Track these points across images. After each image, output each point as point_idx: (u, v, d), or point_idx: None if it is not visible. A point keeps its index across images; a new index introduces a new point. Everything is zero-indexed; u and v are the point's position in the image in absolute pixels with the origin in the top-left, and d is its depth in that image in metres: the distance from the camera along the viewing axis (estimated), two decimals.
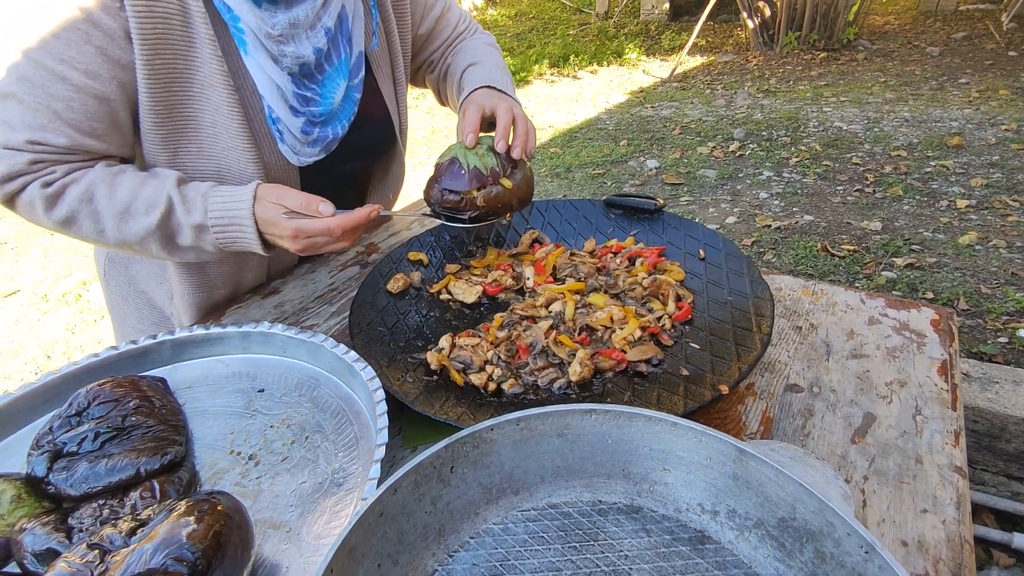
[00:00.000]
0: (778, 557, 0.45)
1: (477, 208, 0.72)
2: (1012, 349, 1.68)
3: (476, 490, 0.50)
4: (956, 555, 0.47)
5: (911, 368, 0.66)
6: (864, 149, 3.13)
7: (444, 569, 0.47)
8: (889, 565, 0.38)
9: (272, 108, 0.78)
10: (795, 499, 0.44)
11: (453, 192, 0.72)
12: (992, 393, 1.35)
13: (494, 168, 0.73)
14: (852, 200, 2.65)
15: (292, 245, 0.70)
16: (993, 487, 1.40)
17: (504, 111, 0.78)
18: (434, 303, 0.79)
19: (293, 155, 0.82)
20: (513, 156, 0.75)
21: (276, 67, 0.76)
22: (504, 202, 0.73)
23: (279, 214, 0.69)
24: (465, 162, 0.73)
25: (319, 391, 0.66)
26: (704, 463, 0.49)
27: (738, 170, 3.06)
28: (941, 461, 0.55)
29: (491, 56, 0.97)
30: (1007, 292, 1.91)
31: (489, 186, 0.72)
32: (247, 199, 0.71)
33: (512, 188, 0.73)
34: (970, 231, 2.29)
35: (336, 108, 0.84)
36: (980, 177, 2.68)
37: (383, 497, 0.44)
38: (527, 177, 0.77)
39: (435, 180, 0.75)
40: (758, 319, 0.67)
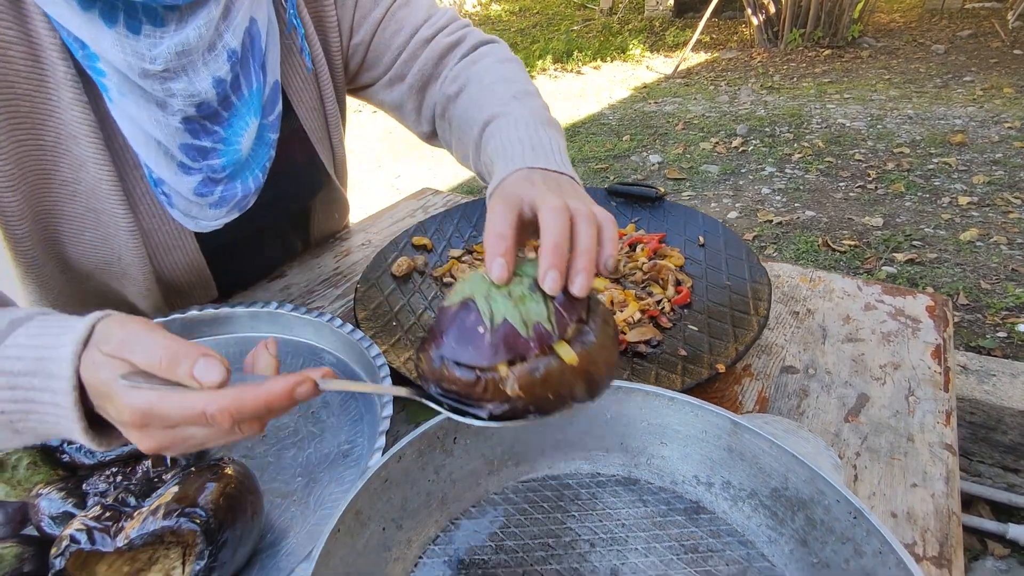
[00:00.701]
0: (770, 525, 0.47)
1: (507, 399, 0.36)
2: (1011, 344, 1.69)
3: (478, 460, 0.52)
4: (944, 526, 0.48)
5: (905, 352, 0.67)
6: (867, 146, 3.13)
7: (446, 535, 0.49)
8: (876, 528, 0.39)
9: (151, 168, 0.61)
10: (787, 469, 0.45)
11: (463, 367, 0.37)
12: (989, 385, 1.36)
13: (542, 324, 0.37)
14: (854, 196, 2.66)
15: (138, 437, 0.36)
16: (989, 479, 1.42)
17: (553, 212, 0.40)
18: (438, 287, 0.80)
19: (188, 220, 0.66)
20: (573, 292, 0.38)
21: (162, 114, 0.58)
22: (559, 388, 0.37)
23: (115, 377, 0.35)
24: (488, 311, 0.37)
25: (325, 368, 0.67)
26: (700, 436, 0.51)
27: (740, 166, 3.07)
28: (932, 439, 0.56)
29: (517, 91, 0.63)
30: (1007, 288, 1.92)
31: (532, 358, 0.36)
32: (68, 344, 0.37)
33: (577, 362, 0.37)
34: (971, 227, 2.30)
35: (244, 156, 0.66)
36: (982, 174, 2.68)
37: (388, 464, 0.46)
38: (606, 338, 0.39)
39: (433, 339, 0.39)
40: (756, 302, 0.69)
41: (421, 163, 3.59)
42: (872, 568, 0.39)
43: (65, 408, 0.36)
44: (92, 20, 0.52)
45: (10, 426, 0.38)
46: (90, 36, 0.53)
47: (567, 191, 0.46)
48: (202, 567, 0.41)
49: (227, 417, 0.34)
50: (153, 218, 0.65)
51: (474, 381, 0.36)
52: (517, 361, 0.36)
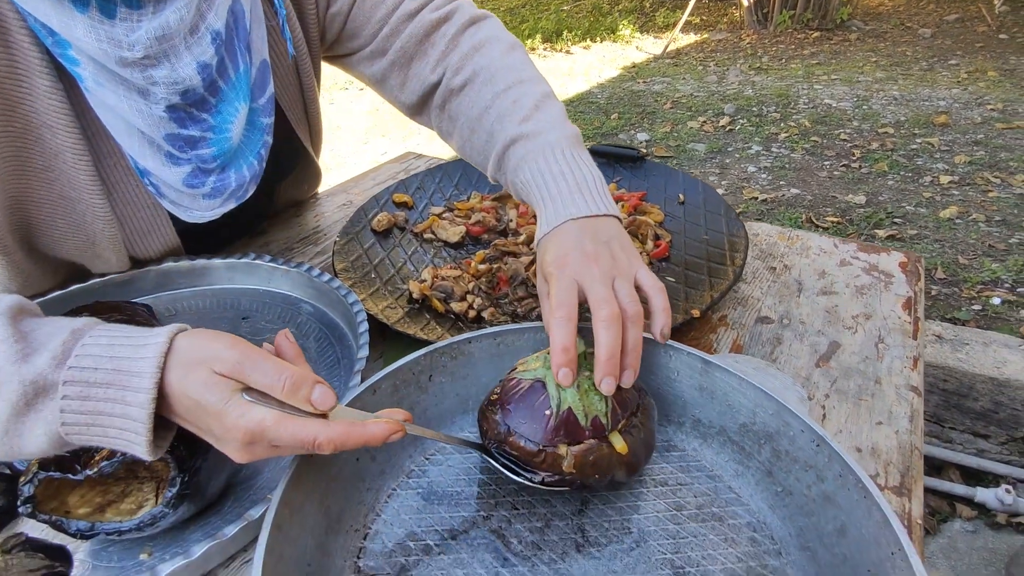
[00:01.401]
0: (738, 460, 0.48)
1: (560, 472, 0.42)
2: (985, 316, 1.73)
3: (453, 400, 0.52)
4: (905, 459, 0.50)
5: (877, 304, 0.69)
6: (852, 126, 3.15)
7: (421, 470, 0.49)
8: (837, 454, 0.40)
9: (136, 160, 0.59)
10: (756, 405, 0.46)
11: (527, 440, 0.43)
12: (963, 354, 1.39)
13: (599, 417, 0.43)
14: (838, 175, 2.68)
15: (237, 450, 0.37)
16: (960, 444, 1.45)
17: (606, 324, 0.44)
18: (418, 242, 0.80)
19: (181, 210, 0.63)
20: (622, 384, 0.44)
21: (145, 103, 0.54)
22: (606, 470, 0.43)
23: (232, 395, 0.36)
24: (557, 398, 0.44)
25: (302, 318, 0.67)
26: (673, 377, 0.51)
27: (727, 144, 3.07)
28: (899, 382, 0.57)
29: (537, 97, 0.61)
30: (983, 263, 1.96)
31: (588, 444, 0.43)
32: (151, 358, 0.36)
33: (625, 452, 0.43)
34: (951, 205, 2.33)
35: (236, 144, 0.62)
36: (964, 154, 2.71)
37: (362, 396, 0.46)
38: (649, 432, 0.46)
39: (500, 404, 0.45)
40: (732, 254, 0.69)
41: (408, 140, 3.55)
42: (833, 492, 0.40)
43: (136, 422, 0.36)
44: (61, 4, 0.48)
45: (60, 438, 0.36)
46: (59, 22, 0.49)
47: (618, 258, 0.50)
48: (174, 493, 0.41)
49: (331, 448, 0.37)
50: (129, 205, 0.63)
51: (536, 452, 0.43)
52: (574, 443, 0.43)
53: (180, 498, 0.41)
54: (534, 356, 0.48)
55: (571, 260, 0.49)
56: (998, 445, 1.43)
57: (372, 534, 0.44)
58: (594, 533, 0.44)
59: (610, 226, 0.52)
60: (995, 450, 1.44)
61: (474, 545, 0.43)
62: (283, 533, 0.37)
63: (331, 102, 4.33)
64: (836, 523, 0.39)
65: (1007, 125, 2.96)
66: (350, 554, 0.42)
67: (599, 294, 0.45)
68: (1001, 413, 1.37)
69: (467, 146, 0.67)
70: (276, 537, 0.36)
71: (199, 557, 0.38)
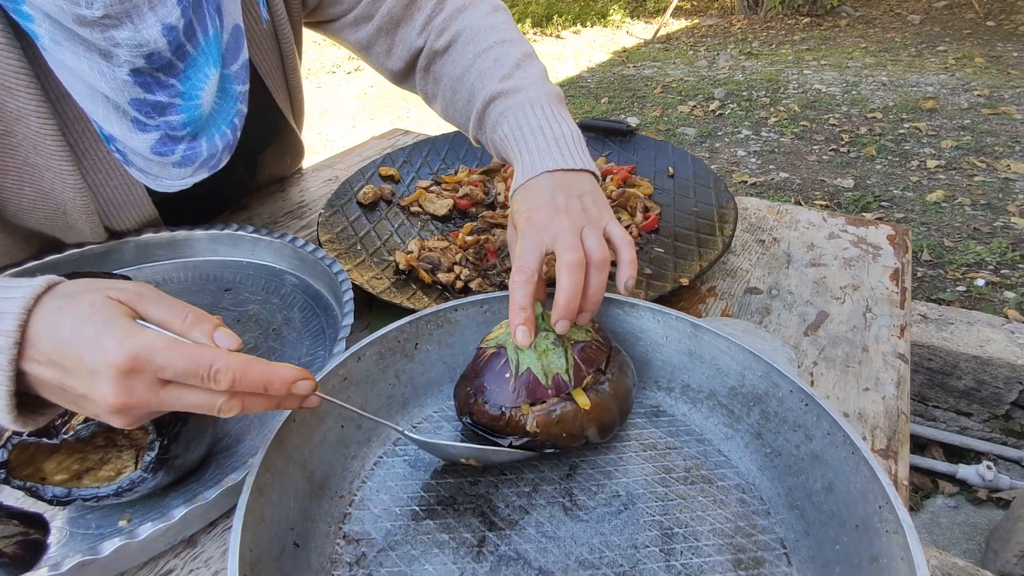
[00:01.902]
0: (727, 423, 0.48)
1: (526, 434, 0.43)
2: (969, 297, 1.75)
3: (440, 368, 0.52)
4: (892, 423, 0.50)
5: (865, 275, 0.69)
6: (841, 111, 3.15)
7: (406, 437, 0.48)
8: (826, 412, 0.40)
9: (100, 125, 0.56)
10: (744, 367, 0.46)
11: (491, 404, 0.43)
12: (947, 333, 1.40)
13: (560, 375, 0.43)
14: (827, 159, 2.68)
15: (111, 390, 0.31)
16: (943, 423, 1.48)
17: (569, 270, 0.44)
18: (405, 215, 0.79)
19: (150, 179, 0.61)
20: (578, 323, 0.46)
21: (107, 65, 0.52)
22: (572, 428, 0.43)
23: (118, 316, 0.32)
24: (515, 360, 0.44)
25: (286, 289, 0.66)
26: (661, 342, 0.51)
27: (717, 128, 3.07)
28: (886, 349, 0.58)
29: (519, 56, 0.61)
30: (968, 246, 1.98)
31: (551, 402, 0.43)
32: (22, 295, 0.32)
33: (590, 408, 0.43)
34: (938, 189, 2.34)
35: (207, 112, 0.60)
36: (951, 139, 2.73)
37: (347, 362, 0.45)
38: (620, 386, 0.45)
39: (469, 376, 0.46)
40: (721, 225, 0.69)
41: (397, 123, 3.51)
42: (821, 450, 0.40)
43: None
44: None
45: None
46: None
47: (588, 209, 0.49)
48: (153, 457, 0.40)
49: (230, 378, 0.32)
50: (100, 173, 0.60)
51: (498, 416, 0.43)
52: (538, 403, 0.43)
53: (159, 463, 0.40)
54: (498, 325, 0.48)
55: (542, 212, 0.48)
56: (980, 423, 1.45)
57: (358, 500, 0.43)
58: (582, 497, 0.44)
59: (585, 181, 0.51)
60: (977, 428, 1.46)
61: (461, 510, 0.43)
62: (264, 496, 0.36)
63: (318, 86, 4.27)
64: (824, 481, 0.39)
65: (993, 111, 2.98)
66: (335, 520, 0.42)
67: (566, 242, 0.45)
68: (984, 391, 1.39)
69: (450, 107, 0.66)
70: (257, 499, 0.35)
71: (178, 520, 0.37)
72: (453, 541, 0.40)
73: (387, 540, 0.40)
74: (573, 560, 0.39)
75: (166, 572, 0.40)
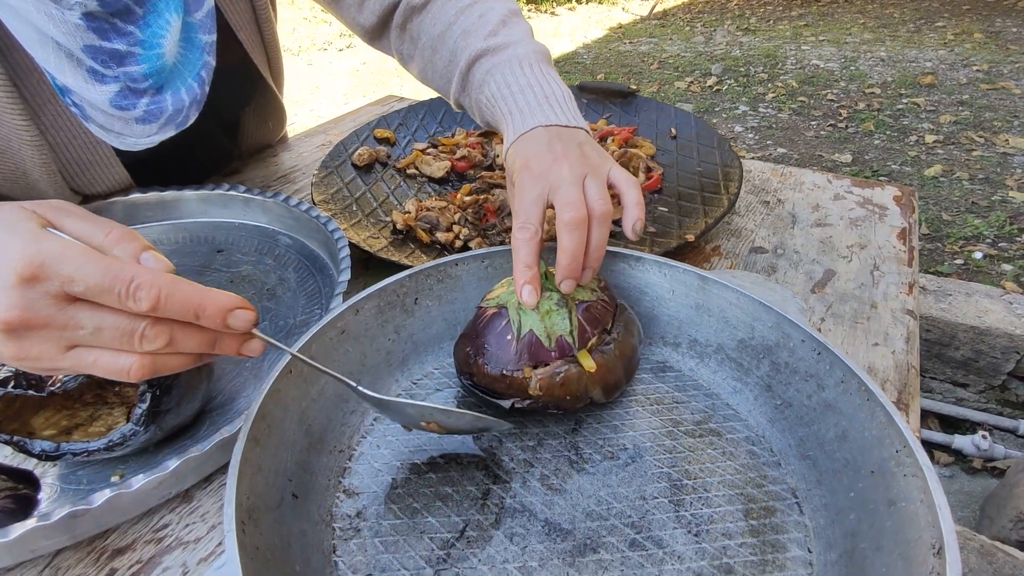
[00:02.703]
0: (736, 377, 0.46)
1: (528, 396, 0.41)
2: (967, 270, 1.74)
3: (440, 325, 0.50)
4: (903, 377, 0.49)
5: (872, 234, 0.67)
6: (839, 86, 3.12)
7: (408, 393, 0.47)
8: (839, 359, 0.39)
9: (53, 75, 0.52)
10: (754, 319, 0.45)
11: (492, 366, 0.42)
12: (945, 304, 1.40)
13: (564, 337, 0.41)
14: (825, 134, 2.66)
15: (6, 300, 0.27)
16: (939, 394, 1.48)
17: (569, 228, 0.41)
18: (401, 178, 0.77)
19: (111, 136, 0.57)
20: (581, 282, 0.43)
21: (56, 7, 0.48)
22: (577, 390, 0.41)
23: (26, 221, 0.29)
24: (517, 321, 0.42)
25: (280, 250, 0.64)
26: (668, 296, 0.50)
27: (714, 104, 3.04)
28: (895, 306, 0.56)
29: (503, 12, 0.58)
30: (966, 219, 1.97)
31: (554, 365, 0.41)
32: None
33: (595, 369, 0.41)
34: (936, 164, 2.33)
35: (171, 63, 0.56)
36: (949, 114, 2.71)
37: (345, 315, 0.44)
38: (625, 346, 0.44)
39: (469, 336, 0.44)
40: (726, 183, 0.67)
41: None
42: (834, 399, 0.39)
43: None
44: None
45: None
46: None
47: (588, 156, 0.46)
48: (144, 410, 0.38)
49: (153, 296, 0.28)
50: (61, 130, 0.57)
51: (500, 378, 0.42)
52: (540, 365, 0.41)
53: (151, 416, 0.39)
54: (499, 283, 0.46)
55: (540, 160, 0.46)
56: (976, 394, 1.46)
57: (357, 455, 0.42)
58: (588, 450, 0.43)
59: (580, 134, 0.49)
60: (973, 399, 1.46)
61: (464, 464, 0.42)
62: (261, 446, 0.35)
63: (309, 63, 4.19)
64: (837, 430, 0.38)
65: (991, 86, 2.96)
66: (335, 474, 0.40)
67: (566, 196, 0.42)
68: (981, 361, 1.39)
69: (428, 68, 0.62)
70: (253, 448, 0.34)
71: (171, 472, 0.36)
72: (457, 494, 0.39)
73: (388, 493, 0.39)
74: (580, 512, 0.38)
75: (161, 527, 0.39)
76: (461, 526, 0.37)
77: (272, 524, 0.33)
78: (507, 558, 0.36)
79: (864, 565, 0.33)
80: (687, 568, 0.35)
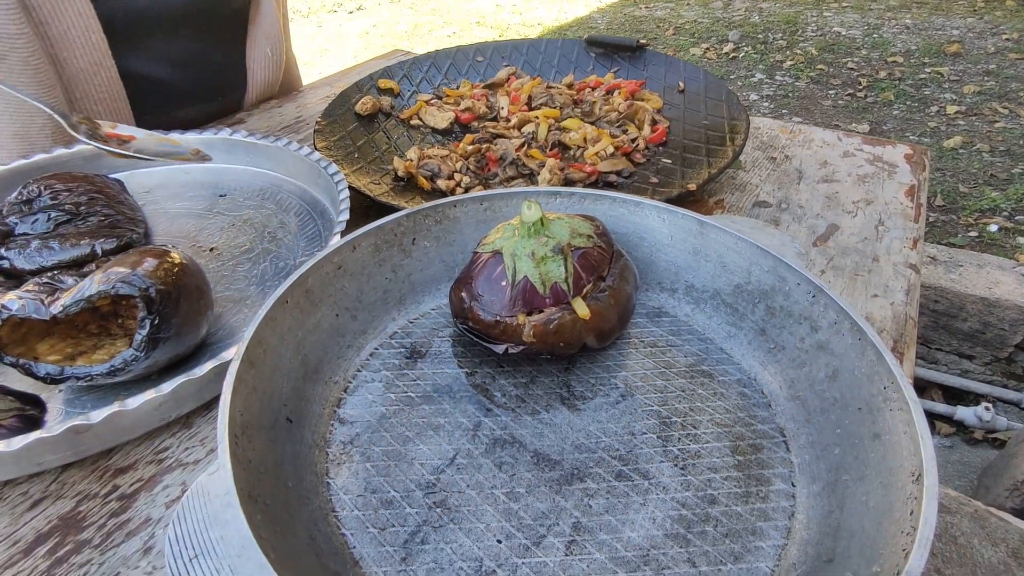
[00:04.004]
0: (730, 322, 0.46)
1: (522, 342, 0.41)
2: (980, 242, 1.72)
3: (438, 266, 0.50)
4: (899, 327, 0.49)
5: (879, 191, 0.66)
6: (861, 55, 3.04)
7: (404, 331, 0.48)
8: (833, 300, 0.39)
9: None
10: (751, 263, 0.45)
11: (486, 312, 0.42)
12: (956, 275, 1.38)
13: (559, 284, 0.41)
14: (843, 104, 2.60)
15: None
16: (944, 365, 1.47)
17: None
18: (404, 128, 0.76)
19: None
20: None
21: None
22: (571, 337, 0.41)
23: None
24: (512, 267, 0.42)
25: (283, 195, 0.64)
26: (666, 242, 0.49)
27: (730, 72, 2.96)
28: (897, 260, 0.56)
29: None
30: (984, 192, 1.93)
31: (548, 312, 0.41)
32: None
33: (590, 317, 0.41)
34: (956, 135, 2.28)
35: None
36: (973, 84, 2.63)
37: (342, 250, 0.44)
38: (620, 293, 0.43)
39: (465, 280, 0.44)
40: (732, 136, 0.66)
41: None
42: (826, 340, 0.39)
43: None
44: None
45: None
46: None
47: None
48: (144, 335, 0.39)
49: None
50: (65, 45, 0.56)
51: (493, 324, 0.42)
52: (535, 312, 0.41)
53: (151, 342, 0.40)
54: (495, 228, 0.46)
55: None
56: (982, 366, 1.45)
57: (352, 387, 0.43)
58: (580, 388, 0.43)
59: None
60: (979, 371, 1.46)
61: (457, 398, 0.42)
62: (256, 368, 0.36)
63: (319, 25, 4.13)
64: (828, 370, 0.38)
65: (1021, 55, 2.86)
66: (329, 403, 0.41)
67: None
68: (988, 333, 1.38)
69: None
70: (248, 370, 0.35)
71: (170, 393, 0.37)
72: (448, 425, 0.40)
73: (381, 423, 0.40)
74: (569, 444, 0.39)
75: (162, 449, 0.40)
76: (451, 454, 0.38)
77: (265, 443, 0.34)
78: (495, 484, 0.37)
79: (845, 495, 0.33)
80: (671, 498, 0.36)
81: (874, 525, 0.30)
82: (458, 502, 0.35)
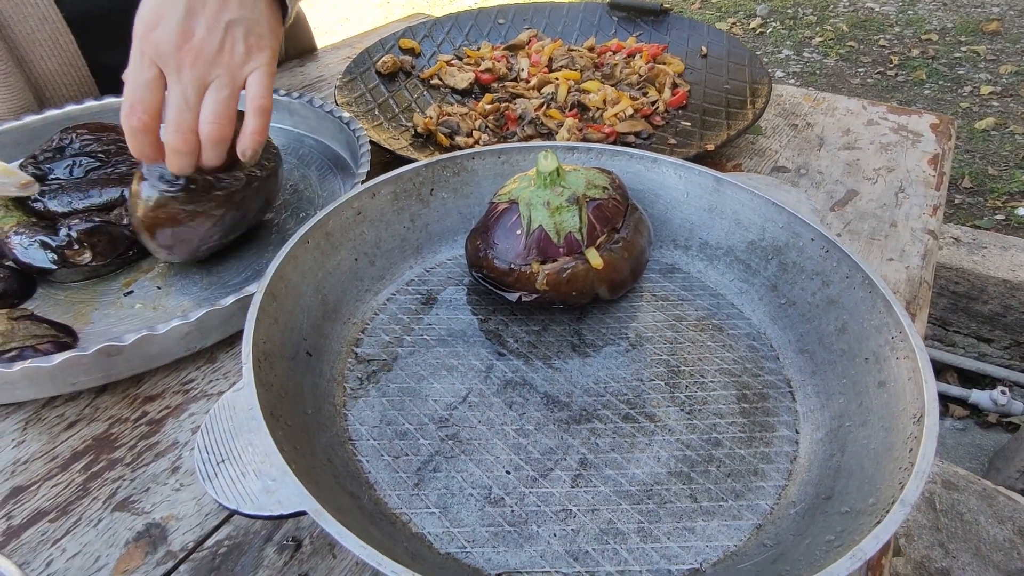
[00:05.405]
0: (742, 279, 0.47)
1: (535, 291, 0.42)
2: (1007, 226, 1.68)
3: (456, 217, 0.51)
4: (913, 290, 0.49)
5: (902, 159, 0.66)
6: (894, 31, 2.94)
7: (420, 279, 0.49)
8: (846, 255, 0.39)
9: None
10: (765, 220, 0.45)
11: (500, 260, 0.43)
12: (979, 256, 1.36)
13: (573, 234, 0.42)
14: (872, 82, 2.53)
15: None
16: (962, 348, 1.46)
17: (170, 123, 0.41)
18: (424, 87, 0.77)
19: None
20: None
21: None
22: (583, 287, 0.42)
23: None
24: (527, 216, 0.42)
25: (304, 150, 0.65)
26: (682, 199, 0.50)
27: (756, 48, 2.90)
28: (915, 226, 0.56)
29: None
30: (1014, 175, 1.88)
31: (562, 260, 0.42)
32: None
33: (602, 267, 0.42)
34: (988, 117, 2.21)
35: None
36: (1011, 64, 2.54)
37: (361, 196, 0.45)
38: (633, 246, 0.44)
39: (480, 230, 0.45)
40: (753, 99, 0.66)
41: None
42: (837, 294, 0.39)
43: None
44: None
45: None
46: None
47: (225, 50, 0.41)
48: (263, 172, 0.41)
49: None
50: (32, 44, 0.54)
51: (508, 271, 0.43)
52: (548, 261, 0.42)
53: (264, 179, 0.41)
54: (512, 179, 0.46)
55: (163, 32, 0.38)
56: (1000, 349, 1.43)
57: (370, 329, 0.44)
58: (591, 336, 0.44)
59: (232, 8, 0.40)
60: (997, 354, 1.44)
61: (470, 342, 0.43)
62: (278, 302, 0.37)
63: None
64: (838, 323, 0.39)
65: None
66: (348, 342, 0.43)
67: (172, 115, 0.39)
68: (1009, 317, 1.36)
69: None
70: (270, 302, 0.36)
71: (195, 322, 0.39)
72: (462, 366, 0.41)
73: (397, 362, 0.42)
74: (578, 388, 0.40)
75: (188, 380, 0.42)
76: (464, 393, 0.40)
77: (287, 371, 0.36)
78: (505, 421, 0.38)
79: (847, 439, 0.34)
80: (677, 440, 0.37)
81: (873, 464, 0.31)
82: (469, 436, 0.37)
